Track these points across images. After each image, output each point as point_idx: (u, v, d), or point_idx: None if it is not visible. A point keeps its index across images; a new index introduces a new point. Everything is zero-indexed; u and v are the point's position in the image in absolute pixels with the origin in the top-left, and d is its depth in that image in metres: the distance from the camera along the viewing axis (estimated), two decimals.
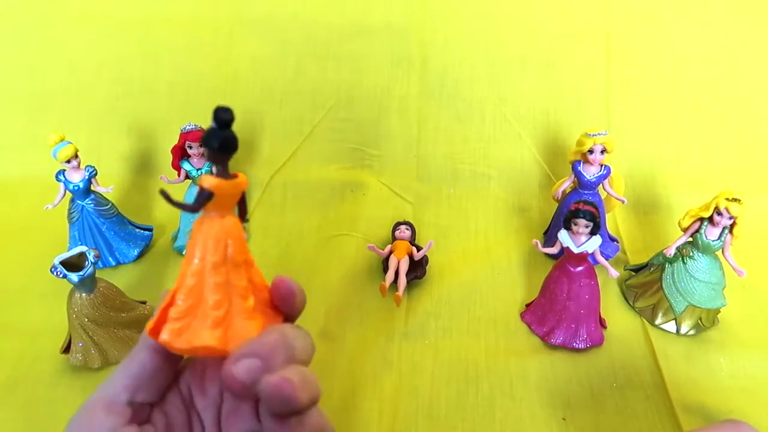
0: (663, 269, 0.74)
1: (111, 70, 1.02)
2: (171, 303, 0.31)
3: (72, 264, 0.63)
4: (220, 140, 0.31)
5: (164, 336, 0.30)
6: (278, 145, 1.00)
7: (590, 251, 0.66)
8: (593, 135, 0.75)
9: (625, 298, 0.77)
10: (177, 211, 0.84)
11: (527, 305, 0.75)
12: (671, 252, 0.71)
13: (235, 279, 0.32)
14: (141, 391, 0.32)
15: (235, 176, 0.32)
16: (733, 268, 0.68)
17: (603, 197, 0.81)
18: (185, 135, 0.78)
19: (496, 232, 0.90)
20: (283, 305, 0.34)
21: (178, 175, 0.81)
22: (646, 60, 0.96)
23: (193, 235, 0.32)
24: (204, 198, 0.31)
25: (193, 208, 0.31)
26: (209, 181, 0.30)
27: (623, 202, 0.80)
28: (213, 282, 0.31)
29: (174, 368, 0.34)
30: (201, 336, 0.30)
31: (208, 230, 0.32)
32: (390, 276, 0.74)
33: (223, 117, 0.30)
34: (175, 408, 0.34)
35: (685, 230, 0.71)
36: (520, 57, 0.98)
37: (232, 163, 0.32)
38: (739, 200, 0.65)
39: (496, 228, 0.91)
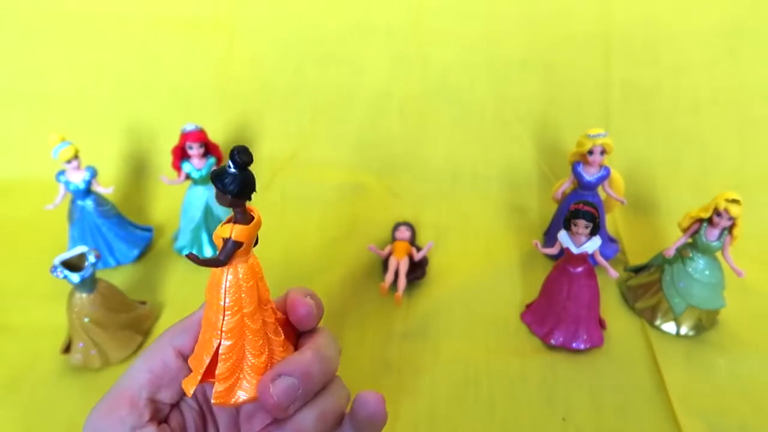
0: (663, 270, 0.74)
1: (111, 70, 1.02)
2: (213, 360, 0.30)
3: (72, 264, 0.63)
4: (240, 184, 0.28)
5: (214, 400, 0.30)
6: (278, 145, 1.01)
7: (590, 252, 0.66)
8: (593, 136, 0.75)
9: (625, 299, 0.77)
10: (177, 212, 0.84)
11: (527, 306, 0.75)
12: (671, 253, 0.72)
13: (266, 317, 0.32)
14: (162, 390, 0.32)
15: (251, 216, 0.30)
16: (733, 269, 0.68)
17: (603, 198, 0.81)
18: (185, 136, 0.78)
19: (496, 232, 0.90)
20: (301, 326, 0.34)
21: (179, 175, 0.81)
22: (645, 61, 0.96)
23: (218, 287, 0.30)
24: (233, 250, 0.29)
25: (223, 263, 0.29)
26: (236, 232, 0.29)
27: (623, 202, 0.80)
28: (252, 330, 0.31)
29: None
30: (250, 389, 0.31)
31: (238, 282, 0.30)
32: (390, 276, 0.75)
33: (243, 160, 0.28)
34: (190, 408, 0.34)
35: (684, 231, 0.71)
36: (520, 57, 0.98)
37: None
38: (739, 201, 0.65)
39: (496, 229, 0.91)
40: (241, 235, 0.29)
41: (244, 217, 0.29)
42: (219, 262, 0.29)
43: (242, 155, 0.27)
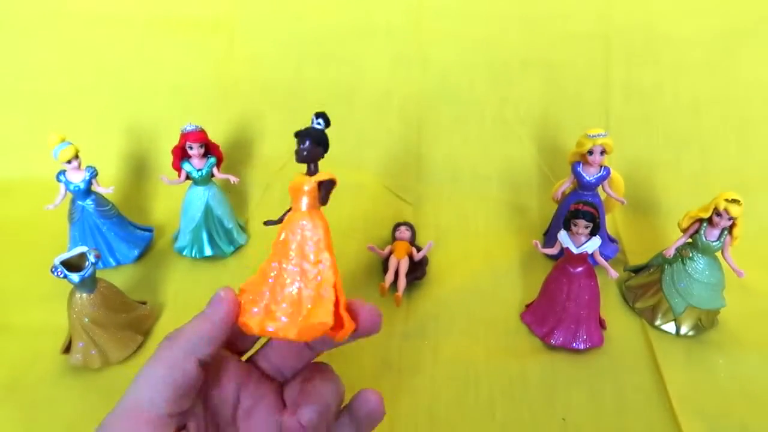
0: (662, 270, 0.74)
1: (111, 70, 1.02)
2: (338, 297, 0.32)
3: (72, 264, 0.63)
4: (326, 138, 0.34)
5: (346, 328, 0.32)
6: (278, 145, 1.00)
7: (590, 252, 0.66)
8: (593, 136, 0.75)
9: (625, 299, 0.77)
10: (177, 212, 0.84)
11: (527, 306, 0.75)
12: (671, 253, 0.72)
13: None
14: (183, 402, 0.31)
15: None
16: (733, 269, 0.68)
17: (603, 198, 0.81)
18: (186, 136, 0.78)
19: (496, 232, 0.90)
20: (365, 331, 0.35)
21: (179, 175, 0.81)
22: (645, 61, 0.96)
23: (315, 228, 0.34)
24: (332, 188, 0.34)
25: (326, 202, 0.34)
26: (328, 174, 0.34)
27: (623, 203, 0.80)
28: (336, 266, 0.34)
29: (207, 374, 0.33)
30: (350, 322, 0.33)
31: (325, 222, 0.34)
32: (390, 276, 0.75)
33: (327, 119, 0.35)
34: (198, 408, 0.33)
35: (684, 231, 0.71)
36: (520, 58, 0.98)
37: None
38: (739, 201, 0.65)
39: (496, 229, 0.91)
40: (334, 176, 0.34)
41: (318, 169, 0.34)
42: (323, 200, 0.34)
43: (326, 116, 0.34)
